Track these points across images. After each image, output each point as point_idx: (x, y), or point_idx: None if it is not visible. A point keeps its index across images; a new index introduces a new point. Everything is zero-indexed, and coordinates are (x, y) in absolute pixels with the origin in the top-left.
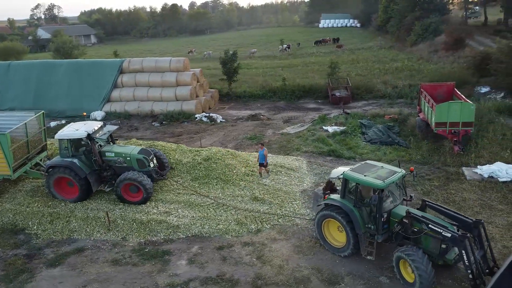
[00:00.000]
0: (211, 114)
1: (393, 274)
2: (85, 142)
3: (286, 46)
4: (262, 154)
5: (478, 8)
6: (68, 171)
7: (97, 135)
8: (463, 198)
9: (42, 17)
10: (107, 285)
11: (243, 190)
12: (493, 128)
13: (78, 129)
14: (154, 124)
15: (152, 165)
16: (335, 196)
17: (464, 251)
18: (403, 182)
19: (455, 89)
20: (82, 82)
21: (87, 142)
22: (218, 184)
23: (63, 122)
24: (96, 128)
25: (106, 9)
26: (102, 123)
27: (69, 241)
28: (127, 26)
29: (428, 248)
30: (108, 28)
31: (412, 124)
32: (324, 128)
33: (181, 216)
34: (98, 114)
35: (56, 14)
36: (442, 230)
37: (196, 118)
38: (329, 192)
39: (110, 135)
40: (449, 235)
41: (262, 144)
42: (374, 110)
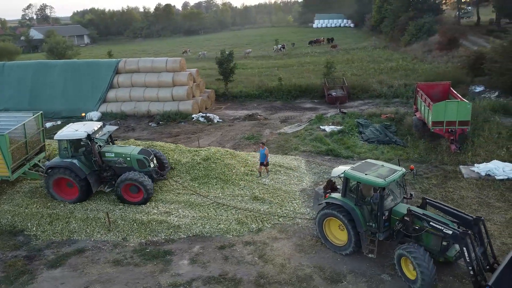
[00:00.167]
0: (208, 114)
1: (394, 271)
2: (84, 143)
3: (280, 46)
4: (263, 153)
5: (470, 8)
6: (68, 172)
7: (96, 136)
8: (461, 196)
9: (34, 17)
10: (110, 285)
11: (243, 189)
12: (488, 126)
13: (77, 129)
14: (151, 124)
15: (152, 165)
16: (336, 194)
17: (465, 248)
18: (404, 180)
19: (451, 88)
20: (78, 82)
21: (87, 143)
22: (218, 183)
23: (59, 122)
24: (95, 128)
25: (99, 9)
26: (102, 124)
27: (69, 242)
28: (121, 26)
29: (429, 245)
30: (101, 28)
31: (408, 123)
32: (321, 127)
33: (181, 216)
34: (94, 115)
35: (48, 14)
36: (443, 228)
37: (193, 118)
38: (329, 191)
39: (109, 136)
40: (450, 233)
41: (263, 143)
42: (370, 110)
